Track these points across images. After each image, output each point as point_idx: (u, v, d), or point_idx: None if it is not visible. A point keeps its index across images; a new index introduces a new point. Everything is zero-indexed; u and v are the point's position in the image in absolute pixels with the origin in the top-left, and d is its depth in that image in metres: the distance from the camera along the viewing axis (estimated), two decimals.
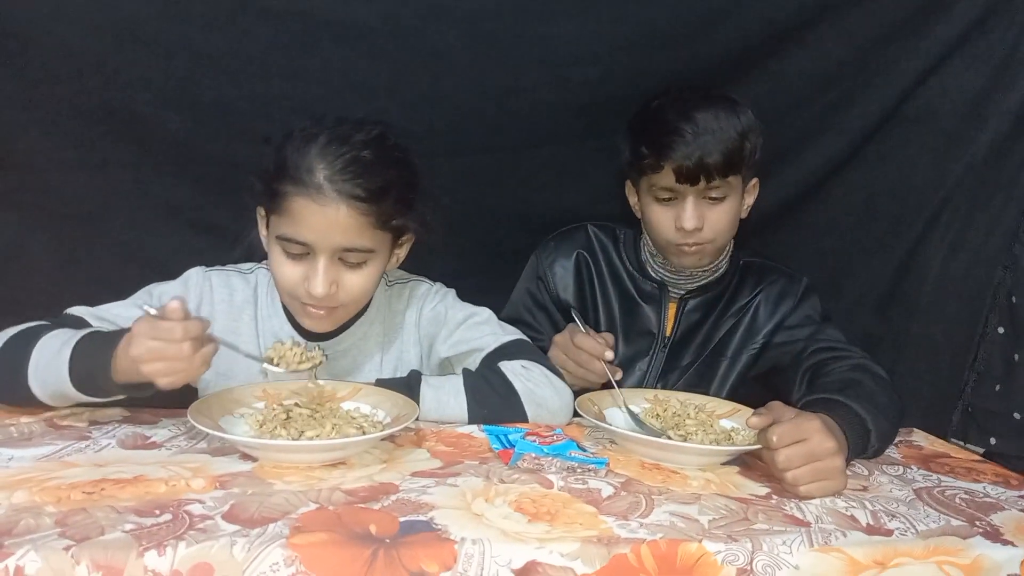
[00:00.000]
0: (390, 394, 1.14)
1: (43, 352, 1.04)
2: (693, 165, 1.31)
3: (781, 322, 1.49)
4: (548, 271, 1.56)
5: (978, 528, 0.91)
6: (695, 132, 1.31)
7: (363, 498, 0.86)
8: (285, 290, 1.19)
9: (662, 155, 1.33)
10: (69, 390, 1.02)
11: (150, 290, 1.24)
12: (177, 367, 0.96)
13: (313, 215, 1.11)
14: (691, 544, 0.80)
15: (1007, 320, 1.49)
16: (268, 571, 0.72)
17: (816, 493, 0.97)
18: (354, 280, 1.17)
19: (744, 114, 1.36)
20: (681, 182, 1.33)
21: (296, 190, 1.12)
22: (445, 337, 1.31)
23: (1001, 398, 1.49)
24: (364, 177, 1.12)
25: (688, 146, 1.31)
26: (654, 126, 1.36)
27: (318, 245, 1.13)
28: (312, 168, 1.11)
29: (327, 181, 1.11)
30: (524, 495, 0.90)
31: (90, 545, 0.71)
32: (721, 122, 1.33)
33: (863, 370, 1.27)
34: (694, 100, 1.36)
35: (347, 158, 1.12)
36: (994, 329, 1.50)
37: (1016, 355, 1.45)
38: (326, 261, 1.14)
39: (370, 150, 1.14)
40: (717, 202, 1.37)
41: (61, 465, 0.90)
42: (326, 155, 1.12)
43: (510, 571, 0.75)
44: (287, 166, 1.13)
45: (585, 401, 1.19)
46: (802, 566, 0.80)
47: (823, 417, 1.02)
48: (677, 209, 1.38)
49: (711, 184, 1.34)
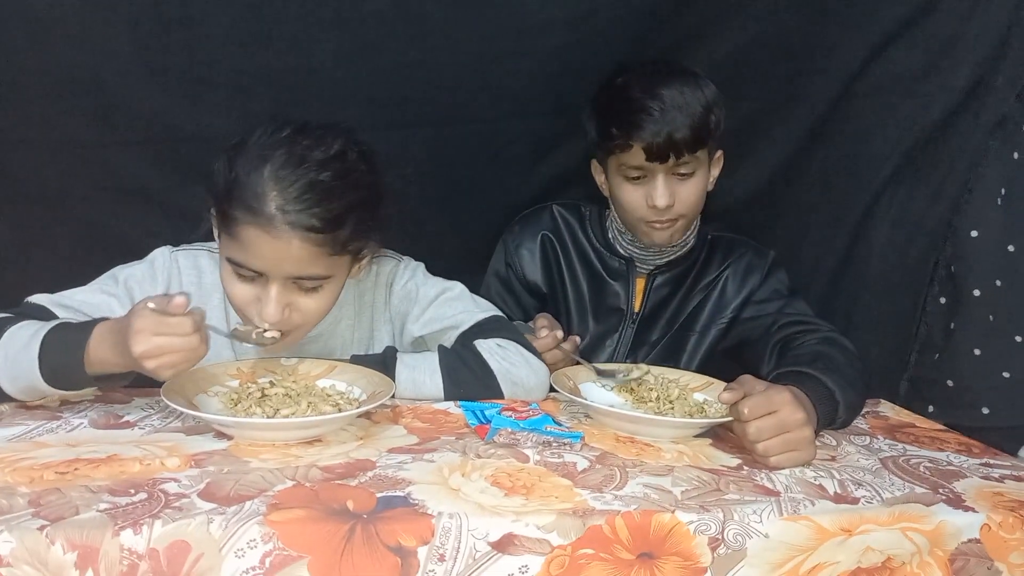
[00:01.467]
0: (365, 371, 1.13)
1: (9, 347, 1.00)
2: (662, 142, 1.32)
3: (749, 296, 1.51)
4: (515, 255, 1.57)
5: (941, 495, 0.94)
6: (662, 109, 1.32)
7: (340, 475, 0.86)
8: (237, 309, 1.15)
9: (631, 134, 1.33)
10: (40, 384, 0.99)
11: (115, 274, 1.20)
12: (186, 359, 0.94)
13: (263, 245, 1.05)
14: (664, 515, 0.81)
15: (945, 291, 1.52)
16: (246, 548, 0.72)
17: (786, 463, 0.99)
18: (309, 304, 1.13)
19: (707, 87, 1.36)
20: (651, 160, 1.34)
21: (245, 218, 1.05)
22: (417, 315, 1.30)
23: (936, 367, 1.52)
24: (320, 205, 1.05)
25: (656, 123, 1.31)
26: (620, 104, 1.36)
27: (270, 273, 1.08)
28: (264, 195, 1.04)
29: (279, 211, 1.04)
30: (500, 469, 0.91)
31: (65, 525, 0.70)
32: (687, 97, 1.33)
33: (831, 343, 1.30)
34: (658, 76, 1.36)
35: (302, 185, 1.05)
36: (936, 300, 1.53)
37: (952, 323, 1.47)
38: (278, 288, 1.09)
39: (329, 172, 1.07)
40: (686, 177, 1.38)
41: (33, 445, 0.90)
42: (279, 180, 1.05)
43: (487, 544, 0.76)
44: (237, 189, 1.06)
45: (560, 376, 1.20)
46: (772, 534, 0.83)
47: (793, 389, 1.04)
48: (647, 187, 1.38)
49: (680, 160, 1.35)
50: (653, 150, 1.33)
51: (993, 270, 1.40)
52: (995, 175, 1.42)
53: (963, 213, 1.48)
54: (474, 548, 0.76)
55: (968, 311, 1.45)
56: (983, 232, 1.43)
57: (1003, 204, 1.41)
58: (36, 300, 1.14)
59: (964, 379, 1.44)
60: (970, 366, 1.44)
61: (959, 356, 1.46)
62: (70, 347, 0.98)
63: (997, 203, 1.41)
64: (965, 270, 1.46)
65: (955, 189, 1.50)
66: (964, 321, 1.46)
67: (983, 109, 1.45)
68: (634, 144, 1.34)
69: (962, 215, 1.48)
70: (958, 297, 1.48)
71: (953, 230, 1.49)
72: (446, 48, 1.42)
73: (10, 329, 1.02)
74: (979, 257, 1.44)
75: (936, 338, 1.54)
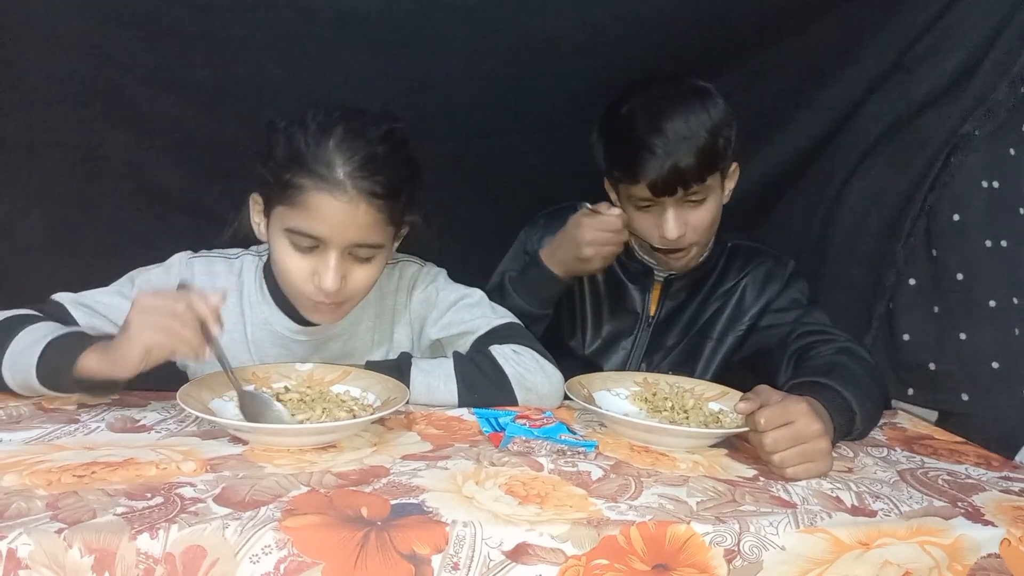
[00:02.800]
0: (380, 377, 1.14)
1: (19, 344, 1.04)
2: (667, 176, 1.30)
3: (767, 305, 1.50)
4: (536, 247, 1.56)
5: (960, 509, 0.93)
6: (665, 145, 1.29)
7: (354, 481, 0.86)
8: (291, 284, 1.17)
9: (635, 173, 1.32)
10: (33, 381, 1.02)
11: (132, 276, 1.23)
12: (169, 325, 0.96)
13: (331, 210, 1.09)
14: (680, 526, 0.81)
15: (922, 272, 1.49)
16: (260, 553, 0.72)
17: (802, 475, 0.98)
18: (361, 274, 1.16)
19: (714, 106, 1.33)
20: (658, 195, 1.33)
21: (314, 184, 1.09)
22: (436, 319, 1.31)
23: (914, 349, 1.49)
24: (381, 174, 1.10)
25: (660, 160, 1.29)
26: (624, 140, 1.34)
27: (331, 240, 1.11)
28: (331, 163, 1.09)
29: (348, 178, 1.09)
30: (514, 478, 0.90)
31: (82, 528, 0.71)
32: (691, 125, 1.30)
33: (848, 353, 1.28)
34: (662, 104, 1.32)
35: (364, 154, 1.10)
36: (905, 281, 1.51)
37: (936, 307, 1.45)
38: (338, 256, 1.12)
39: (384, 146, 1.13)
40: (698, 204, 1.36)
41: (51, 448, 0.90)
42: (344, 150, 1.10)
43: (501, 553, 0.76)
44: (303, 158, 1.10)
45: (575, 384, 1.20)
46: (788, 547, 0.82)
47: (809, 400, 1.03)
48: (658, 216, 1.37)
49: (689, 191, 1.33)
50: (659, 185, 1.31)
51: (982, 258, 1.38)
52: (982, 163, 1.40)
53: (943, 197, 1.45)
54: (488, 557, 0.76)
55: (953, 295, 1.43)
56: (965, 217, 1.41)
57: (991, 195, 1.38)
58: (58, 298, 1.18)
59: (946, 364, 1.42)
60: (954, 351, 1.41)
61: (943, 340, 1.43)
62: (67, 353, 1.01)
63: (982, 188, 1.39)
64: (948, 254, 1.44)
65: (925, 166, 1.47)
66: (949, 305, 1.44)
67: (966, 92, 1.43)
68: (640, 180, 1.32)
69: (943, 199, 1.45)
70: (940, 281, 1.46)
71: (932, 212, 1.46)
72: (466, 68, 1.43)
73: (27, 328, 1.06)
74: (963, 241, 1.42)
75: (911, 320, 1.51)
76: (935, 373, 1.42)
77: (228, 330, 1.24)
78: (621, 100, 1.37)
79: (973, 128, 1.40)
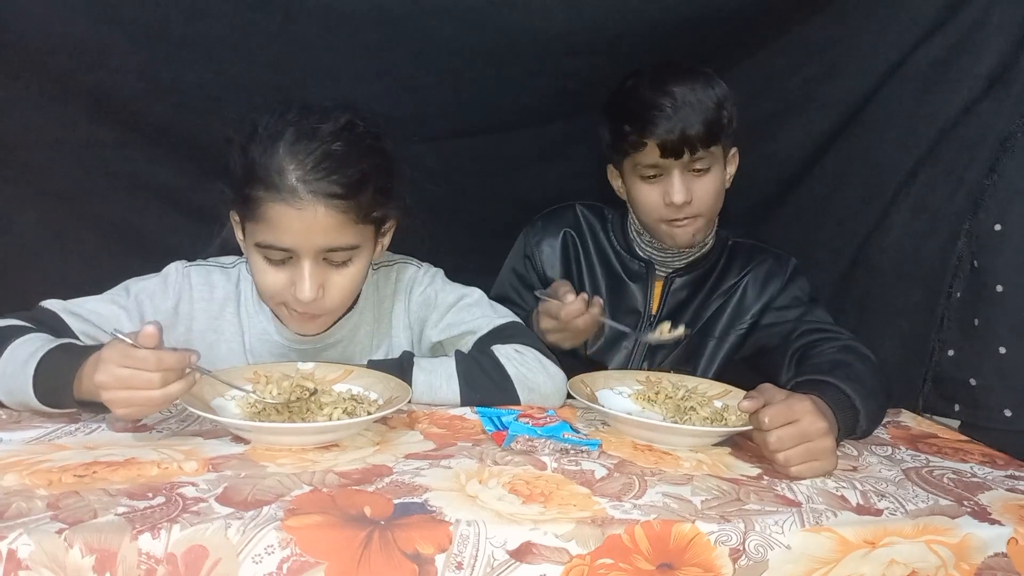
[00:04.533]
0: (382, 376, 1.13)
1: (10, 361, 1.01)
2: (676, 138, 1.33)
3: (769, 303, 1.50)
4: (535, 249, 1.57)
5: (966, 508, 0.92)
6: (674, 106, 1.33)
7: (357, 480, 0.85)
8: (271, 298, 1.15)
9: (644, 132, 1.34)
10: (33, 402, 0.99)
11: (127, 286, 1.21)
12: (139, 398, 0.90)
13: (291, 219, 1.06)
14: (684, 525, 0.80)
15: (966, 286, 1.48)
16: (263, 553, 0.72)
17: (807, 474, 0.97)
18: (340, 280, 1.13)
19: (718, 85, 1.37)
20: (666, 157, 1.35)
21: (269, 195, 1.06)
22: (436, 321, 1.30)
23: (956, 364, 1.49)
24: (338, 172, 1.07)
25: (669, 120, 1.32)
26: (633, 104, 1.37)
27: (300, 249, 1.08)
28: (282, 169, 1.06)
29: (300, 182, 1.05)
30: (518, 477, 0.90)
31: (83, 528, 0.70)
32: (698, 94, 1.34)
33: (851, 351, 1.28)
34: (668, 75, 1.37)
35: (318, 154, 1.07)
36: (953, 295, 1.51)
37: (976, 320, 1.44)
38: (311, 264, 1.09)
39: (341, 142, 1.09)
40: (702, 173, 1.38)
41: (51, 448, 0.90)
42: (295, 153, 1.06)
43: (505, 552, 0.75)
44: (255, 169, 1.07)
45: (577, 383, 1.19)
46: (794, 546, 0.81)
47: (814, 398, 1.02)
48: (663, 185, 1.38)
49: (695, 156, 1.35)
50: (667, 146, 1.33)
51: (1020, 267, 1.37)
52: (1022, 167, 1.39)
53: (986, 207, 1.44)
54: (492, 556, 0.75)
55: (992, 308, 1.42)
56: (1007, 227, 1.40)
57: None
58: (49, 306, 1.15)
59: (987, 379, 1.40)
60: (994, 365, 1.40)
61: (984, 354, 1.42)
62: (63, 371, 0.97)
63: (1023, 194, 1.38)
64: (989, 265, 1.43)
65: (977, 178, 1.46)
66: (988, 318, 1.42)
67: (1008, 97, 1.42)
68: (648, 141, 1.34)
69: (985, 208, 1.44)
70: (981, 292, 1.44)
71: (977, 222, 1.46)
72: (462, 68, 1.42)
73: (13, 343, 1.02)
74: (1003, 252, 1.41)
75: (953, 334, 1.50)
76: (976, 389, 1.41)
77: (227, 340, 1.24)
78: (626, 79, 1.41)
79: (1016, 131, 1.39)
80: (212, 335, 1.23)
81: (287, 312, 1.16)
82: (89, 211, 1.55)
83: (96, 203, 1.54)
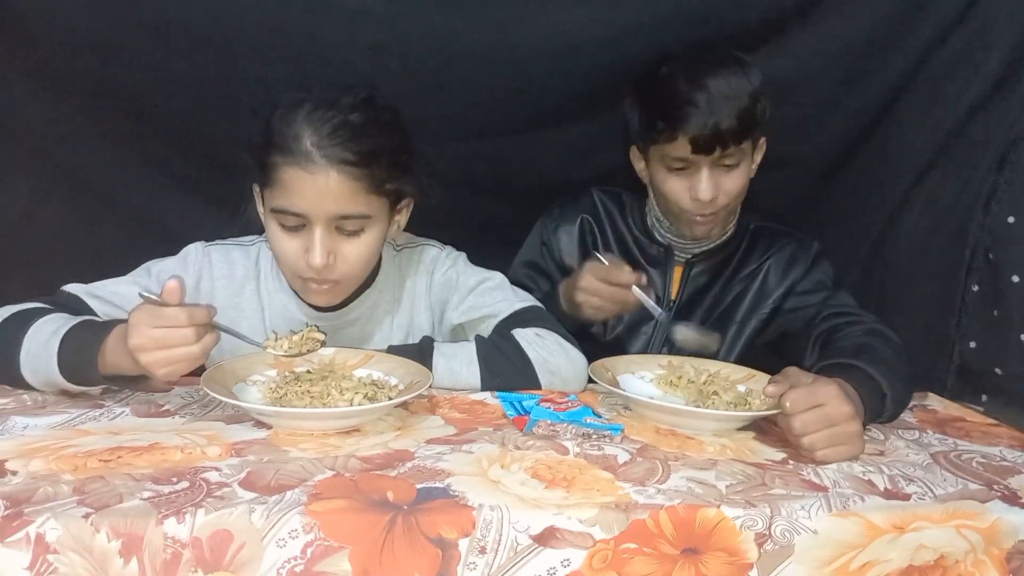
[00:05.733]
0: (403, 361, 1.13)
1: (34, 340, 1.02)
2: (709, 134, 1.29)
3: (792, 287, 1.48)
4: (552, 236, 1.56)
5: (996, 492, 0.91)
6: (709, 101, 1.29)
7: (379, 465, 0.85)
8: (286, 265, 1.17)
9: (677, 126, 1.31)
10: (58, 379, 1.00)
11: (148, 267, 1.22)
12: (179, 355, 0.92)
13: (304, 183, 1.08)
14: (709, 510, 0.80)
15: (983, 278, 1.49)
16: (287, 538, 0.72)
17: (833, 458, 0.96)
18: (352, 249, 1.14)
19: (753, 74, 1.33)
20: (697, 152, 1.32)
21: (284, 160, 1.08)
22: (457, 303, 1.30)
23: (979, 355, 1.50)
24: (353, 141, 1.09)
25: (703, 115, 1.29)
26: (666, 96, 1.33)
27: (313, 214, 1.10)
28: (299, 135, 1.08)
29: (315, 147, 1.08)
30: (540, 461, 0.89)
31: (109, 513, 0.71)
32: (733, 87, 1.30)
33: (877, 335, 1.26)
34: (704, 65, 1.33)
35: (335, 123, 1.09)
36: (969, 288, 1.51)
37: (996, 311, 1.45)
38: (322, 231, 1.11)
39: (358, 113, 1.11)
40: (731, 169, 1.35)
41: (76, 433, 0.90)
42: (312, 121, 1.09)
43: (528, 537, 0.75)
44: (274, 137, 1.10)
45: (599, 367, 1.18)
46: (821, 530, 0.80)
47: (839, 382, 1.01)
48: (691, 178, 1.36)
49: (726, 152, 1.32)
50: (700, 142, 1.30)
51: None
52: None
53: (999, 200, 1.45)
54: (515, 541, 0.75)
55: (1010, 298, 1.42)
56: (1021, 219, 1.41)
57: None
58: (70, 289, 1.16)
59: (1011, 367, 1.41)
60: (1017, 354, 1.41)
61: (1006, 344, 1.43)
62: (87, 346, 0.98)
63: None
64: (1003, 256, 1.44)
65: (988, 173, 1.47)
66: (1007, 308, 1.43)
67: (1016, 95, 1.42)
68: (680, 136, 1.31)
69: (998, 201, 1.45)
70: (998, 284, 1.45)
71: (991, 215, 1.45)
72: (482, 69, 1.42)
73: (36, 323, 1.03)
74: (1018, 243, 1.42)
75: (974, 326, 1.51)
76: (1001, 378, 1.42)
77: (247, 317, 1.24)
78: (659, 64, 1.37)
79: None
80: (233, 312, 1.23)
81: (302, 283, 1.17)
82: (112, 202, 1.56)
83: (119, 194, 1.56)
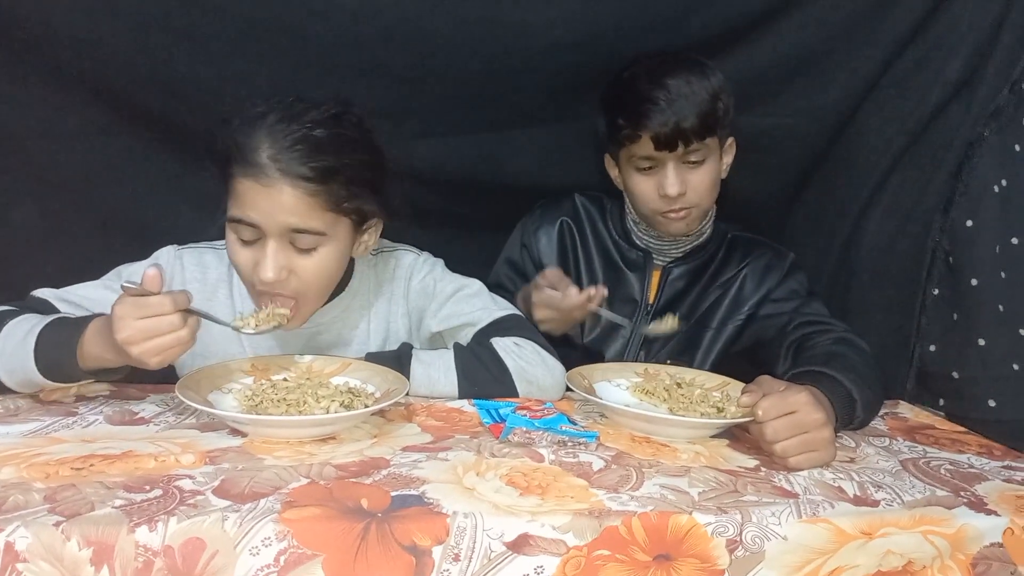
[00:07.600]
0: (380, 369, 1.13)
1: (8, 340, 1.02)
2: (670, 131, 1.32)
3: (767, 295, 1.50)
4: (532, 238, 1.57)
5: (963, 498, 0.92)
6: (669, 99, 1.32)
7: (354, 473, 0.85)
8: (242, 277, 1.16)
9: (639, 125, 1.34)
10: (36, 377, 1.00)
11: (119, 271, 1.21)
12: (169, 341, 0.94)
13: (257, 195, 1.07)
14: (681, 516, 0.80)
15: (943, 281, 1.51)
16: (260, 546, 0.72)
17: (805, 464, 0.97)
18: (307, 265, 1.12)
19: (714, 75, 1.36)
20: (660, 149, 1.34)
21: (241, 171, 1.08)
22: (435, 311, 1.30)
23: (938, 359, 1.51)
24: (312, 156, 1.07)
25: (663, 113, 1.32)
26: (628, 96, 1.36)
27: (265, 227, 1.08)
28: (257, 147, 1.07)
29: (271, 160, 1.06)
30: (515, 469, 0.90)
31: (80, 521, 0.70)
32: (693, 86, 1.33)
33: (847, 343, 1.28)
34: (664, 67, 1.36)
35: (295, 136, 1.08)
36: (930, 291, 1.53)
37: (955, 314, 1.47)
38: (275, 244, 1.09)
39: (323, 129, 1.09)
40: (697, 165, 1.38)
41: (48, 441, 0.90)
42: (273, 133, 1.08)
43: (502, 544, 0.76)
44: (234, 146, 1.09)
45: (575, 375, 1.19)
46: (790, 537, 0.81)
47: (811, 389, 1.03)
48: (658, 177, 1.38)
49: (689, 148, 1.35)
50: (661, 139, 1.33)
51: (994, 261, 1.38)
52: (992, 164, 1.40)
53: (958, 204, 1.46)
54: (489, 548, 0.75)
55: (969, 301, 1.44)
56: (979, 222, 1.42)
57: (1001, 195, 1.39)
58: (40, 294, 1.15)
59: (969, 371, 1.43)
60: (975, 357, 1.42)
61: (964, 347, 1.44)
62: (65, 342, 0.99)
63: (994, 191, 1.40)
64: (962, 260, 1.45)
65: (946, 179, 1.48)
66: (966, 311, 1.45)
67: (974, 100, 1.43)
68: (642, 134, 1.34)
69: (957, 206, 1.46)
70: (957, 287, 1.47)
71: (950, 219, 1.48)
72: (452, 65, 1.42)
73: (9, 324, 1.03)
74: (975, 247, 1.43)
75: (934, 329, 1.53)
76: (959, 382, 1.43)
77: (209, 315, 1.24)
78: (623, 70, 1.40)
79: (982, 131, 1.40)
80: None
81: (255, 294, 1.15)
82: (87, 200, 1.53)
83: (95, 192, 1.53)
